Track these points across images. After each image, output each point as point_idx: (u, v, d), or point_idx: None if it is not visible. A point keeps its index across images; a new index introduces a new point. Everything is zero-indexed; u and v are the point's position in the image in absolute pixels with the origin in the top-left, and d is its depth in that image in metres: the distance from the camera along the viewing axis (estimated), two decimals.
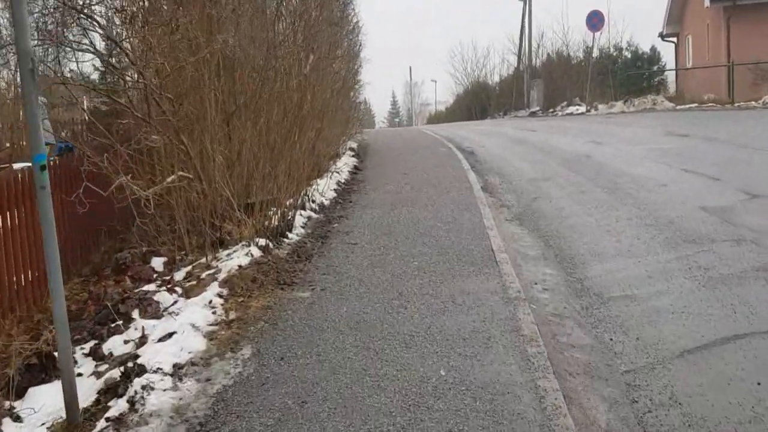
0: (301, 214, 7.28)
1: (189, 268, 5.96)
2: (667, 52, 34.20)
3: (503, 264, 5.72)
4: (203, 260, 5.96)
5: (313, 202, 8.00)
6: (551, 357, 3.93)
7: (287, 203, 7.00)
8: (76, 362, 4.41)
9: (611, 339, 4.32)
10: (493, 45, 67.65)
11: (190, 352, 4.13)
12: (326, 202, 8.37)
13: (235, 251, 5.80)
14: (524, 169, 11.08)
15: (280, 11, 8.16)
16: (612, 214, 7.41)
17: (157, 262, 6.31)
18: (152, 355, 4.08)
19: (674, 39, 33.28)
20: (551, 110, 28.31)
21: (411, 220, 7.49)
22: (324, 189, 8.73)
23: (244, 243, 5.85)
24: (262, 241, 5.90)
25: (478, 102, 40.15)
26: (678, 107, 22.44)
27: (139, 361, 4.03)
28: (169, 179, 5.56)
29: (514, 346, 4.04)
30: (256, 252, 5.73)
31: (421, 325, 4.40)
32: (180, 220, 6.22)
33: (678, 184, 8.64)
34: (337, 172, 10.25)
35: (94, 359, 4.42)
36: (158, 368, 3.88)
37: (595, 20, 25.74)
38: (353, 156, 13.34)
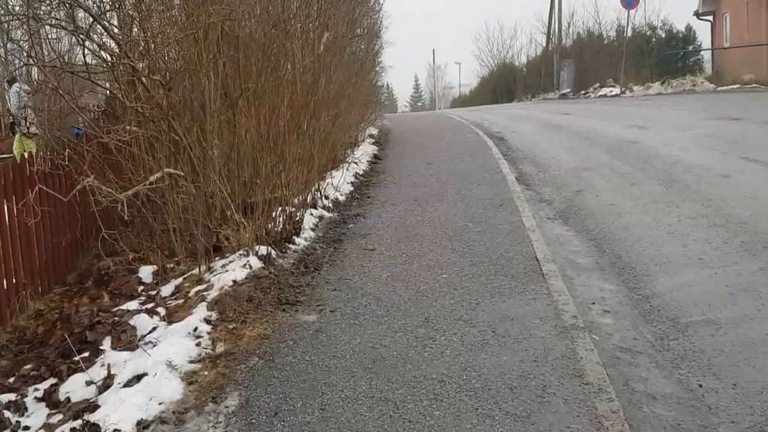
0: (311, 214, 6.36)
1: (180, 280, 5.10)
2: (702, 32, 32.60)
3: (551, 278, 4.75)
4: (196, 271, 5.09)
5: (326, 198, 7.08)
6: (629, 416, 2.98)
7: (295, 201, 6.09)
8: (26, 409, 3.58)
9: (700, 386, 3.34)
10: (520, 24, 65.92)
11: (161, 403, 3.25)
12: (341, 198, 7.44)
13: (231, 262, 4.90)
14: (562, 158, 10.03)
15: None
16: (672, 212, 6.38)
17: (146, 272, 5.46)
18: (114, 407, 3.21)
19: (710, 17, 31.64)
20: (583, 92, 27.01)
21: (438, 219, 6.53)
22: (339, 182, 7.80)
23: (242, 252, 4.95)
24: (262, 249, 5.00)
25: (505, 84, 38.83)
26: (719, 89, 21.07)
27: (95, 416, 3.16)
28: (152, 177, 4.67)
29: (578, 399, 3.08)
30: (256, 263, 4.83)
31: (454, 367, 3.46)
32: (171, 223, 5.34)
33: (742, 175, 7.56)
34: (355, 162, 9.32)
35: (48, 405, 3.57)
36: (115, 429, 3.01)
37: None
38: (373, 143, 12.38)
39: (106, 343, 4.08)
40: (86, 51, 5.34)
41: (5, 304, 4.88)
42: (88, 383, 3.61)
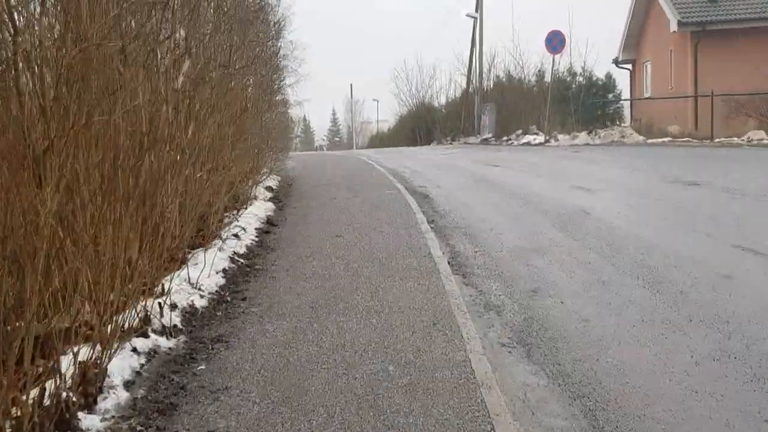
0: (135, 349, 3.90)
1: None
2: (622, 79, 32.45)
3: None
4: None
5: (174, 308, 4.64)
6: None
7: (106, 330, 3.65)
8: None
9: None
10: (439, 64, 65.30)
11: None
12: (201, 304, 5.01)
13: None
14: (502, 230, 8.03)
15: None
16: (682, 344, 4.38)
17: None
18: None
19: (629, 66, 31.54)
20: (505, 138, 25.73)
21: (341, 351, 4.24)
22: (204, 273, 5.40)
23: None
24: None
25: (423, 125, 37.47)
26: (649, 141, 20.08)
27: None
28: None
29: None
30: None
31: None
32: None
33: (746, 274, 5.75)
34: (237, 235, 6.93)
35: None
36: None
37: (555, 42, 23.33)
38: (270, 199, 10.05)
39: None
40: None
41: None
42: None
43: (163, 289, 4.72)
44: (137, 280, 4.29)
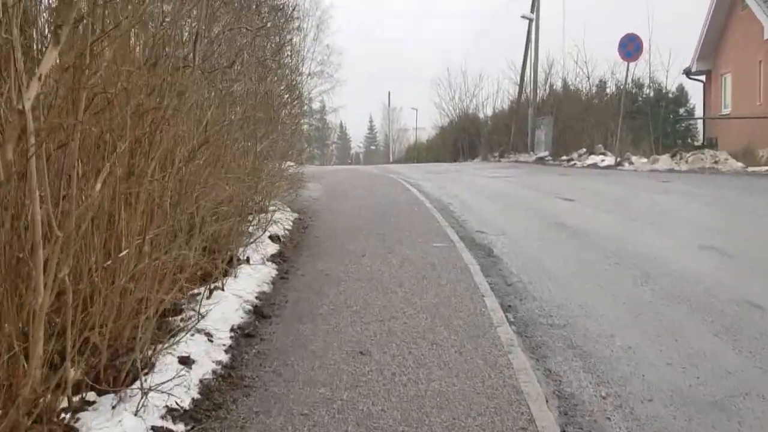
0: None
1: None
2: (695, 92, 28.89)
3: None
4: None
5: None
6: None
7: None
8: None
9: None
10: (486, 69, 61.72)
11: None
12: None
13: None
14: (633, 339, 4.89)
15: None
16: None
17: None
18: None
19: (702, 77, 27.95)
20: (565, 158, 22.41)
21: None
22: None
23: None
24: None
25: (467, 137, 34.39)
26: (750, 169, 16.56)
27: None
28: None
29: None
30: None
31: None
32: None
33: None
34: (187, 360, 3.95)
35: None
36: None
37: (630, 47, 19.96)
38: (272, 257, 7.07)
39: None
40: None
41: None
42: None
43: None
44: None
